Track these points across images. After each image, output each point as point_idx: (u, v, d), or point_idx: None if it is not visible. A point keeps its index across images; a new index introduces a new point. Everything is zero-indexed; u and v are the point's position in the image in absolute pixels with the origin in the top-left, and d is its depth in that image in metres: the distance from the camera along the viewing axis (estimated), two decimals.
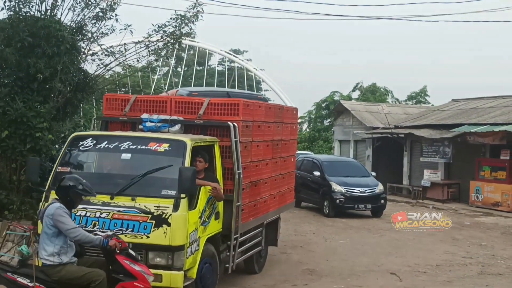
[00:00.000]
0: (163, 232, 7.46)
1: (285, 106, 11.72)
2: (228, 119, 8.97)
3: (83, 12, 14.04)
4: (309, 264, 11.95)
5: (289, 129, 11.74)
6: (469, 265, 12.63)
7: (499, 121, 23.17)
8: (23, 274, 6.68)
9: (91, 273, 6.80)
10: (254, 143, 9.67)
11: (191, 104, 9.28)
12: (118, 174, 8.38)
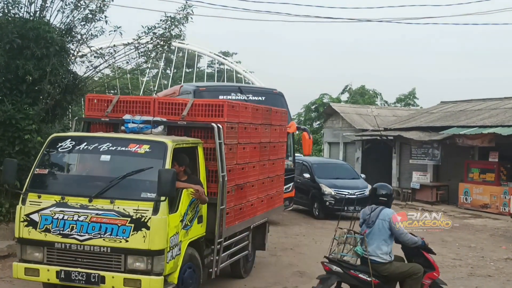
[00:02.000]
0: (142, 236, 7.28)
1: (273, 108, 11.51)
2: (213, 120, 8.75)
3: (73, 14, 14.02)
4: (299, 266, 11.93)
5: (278, 131, 11.54)
6: (458, 266, 12.68)
7: (487, 123, 23.29)
8: (362, 271, 7.94)
9: (413, 267, 7.97)
10: (240, 145, 9.47)
11: (175, 105, 9.06)
12: (97, 176, 8.17)
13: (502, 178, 22.57)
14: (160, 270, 7.32)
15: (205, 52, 62.94)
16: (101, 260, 7.40)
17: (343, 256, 8.17)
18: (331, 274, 8.06)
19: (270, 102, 15.91)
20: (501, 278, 11.67)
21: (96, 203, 7.47)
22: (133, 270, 7.30)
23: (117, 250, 7.33)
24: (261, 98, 16.20)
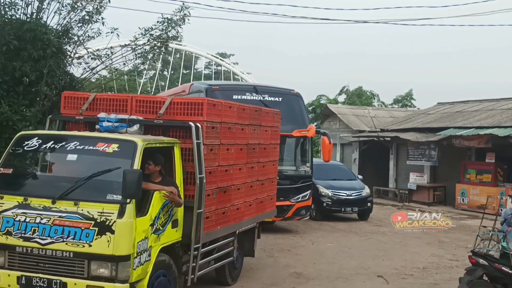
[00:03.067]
0: (106, 240, 6.83)
1: (264, 109, 11.10)
2: (192, 119, 8.28)
3: (69, 15, 14.00)
4: (296, 268, 11.94)
5: (269, 133, 11.14)
6: (455, 267, 12.70)
7: (484, 124, 23.34)
8: (504, 264, 8.44)
9: None
10: (223, 146, 9.04)
11: (153, 103, 8.63)
12: (62, 177, 7.76)
13: (499, 179, 22.61)
14: (125, 277, 6.88)
15: (202, 54, 63.06)
16: (63, 265, 7.00)
17: (488, 251, 8.77)
18: (478, 266, 8.60)
19: (287, 103, 15.75)
20: None
21: (59, 205, 7.08)
22: (96, 276, 6.88)
23: (80, 255, 6.92)
24: (278, 99, 15.71)
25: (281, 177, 15.19)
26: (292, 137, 15.80)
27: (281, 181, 15.14)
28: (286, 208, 15.66)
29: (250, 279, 10.79)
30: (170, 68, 64.86)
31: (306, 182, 16.22)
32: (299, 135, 15.88)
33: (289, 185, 15.73)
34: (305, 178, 16.23)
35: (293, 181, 15.96)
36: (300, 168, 16.37)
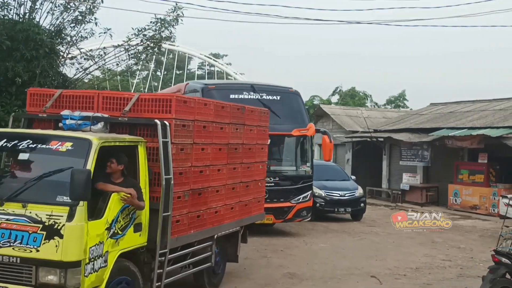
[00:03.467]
0: (54, 245, 6.35)
1: (248, 107, 10.54)
2: (160, 116, 7.79)
3: (62, 16, 14.01)
4: (290, 268, 11.93)
5: (255, 132, 10.65)
6: (448, 267, 12.74)
7: (476, 125, 23.42)
8: None
9: None
10: (197, 146, 8.55)
11: (120, 100, 8.10)
12: (13, 177, 7.37)
13: (491, 179, 22.67)
14: (75, 285, 6.41)
15: (196, 54, 63.07)
16: (10, 272, 6.52)
17: (511, 250, 8.92)
18: (500, 265, 8.73)
19: (286, 101, 15.61)
20: None
21: (7, 207, 6.62)
22: (44, 284, 6.42)
23: (27, 261, 6.44)
24: (276, 98, 15.51)
25: (281, 177, 15.37)
26: (291, 137, 15.66)
27: (280, 182, 15.27)
28: (286, 209, 15.47)
29: (243, 280, 10.79)
30: (163, 69, 64.82)
31: (307, 183, 15.98)
32: (298, 134, 15.67)
33: (289, 186, 15.56)
34: (306, 178, 16.00)
35: (293, 181, 15.73)
36: (300, 168, 16.16)
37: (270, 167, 14.68)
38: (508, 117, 23.29)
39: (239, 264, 12.06)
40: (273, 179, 14.94)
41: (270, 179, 14.48)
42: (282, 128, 15.05)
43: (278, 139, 15.34)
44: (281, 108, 15.26)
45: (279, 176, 15.34)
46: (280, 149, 16.17)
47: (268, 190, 14.50)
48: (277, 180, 15.18)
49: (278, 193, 15.07)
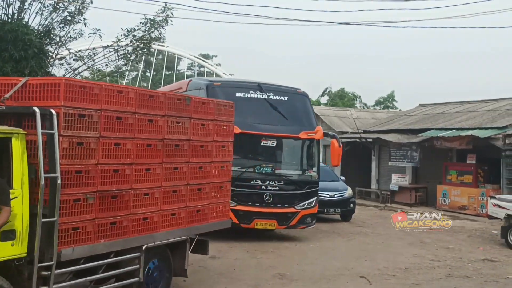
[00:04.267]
0: None
1: (197, 98, 9.51)
2: (48, 104, 6.70)
3: (51, 16, 13.96)
4: (279, 269, 11.92)
5: (212, 128, 9.51)
6: (437, 268, 12.78)
7: (465, 125, 23.55)
8: None
9: None
10: (107, 140, 7.35)
11: (5, 87, 7.08)
12: None
13: (480, 180, 22.80)
14: None
15: (185, 55, 62.99)
16: None
17: None
18: None
19: (293, 103, 15.21)
20: (478, 279, 11.78)
21: None
22: None
23: None
24: (284, 98, 15.07)
25: (286, 182, 14.84)
26: (298, 139, 15.11)
27: (285, 186, 14.78)
28: (290, 215, 14.84)
29: (233, 280, 10.77)
30: (153, 69, 64.67)
31: (313, 188, 15.25)
32: (306, 137, 15.06)
33: (294, 191, 14.94)
34: (312, 183, 15.28)
35: (299, 186, 15.03)
36: (306, 172, 15.50)
37: (274, 171, 14.69)
38: (496, 118, 23.43)
39: (229, 265, 12.11)
40: (277, 183, 14.63)
41: (274, 183, 14.46)
42: (289, 130, 14.81)
43: (285, 141, 15.18)
44: (288, 110, 15.00)
45: (283, 180, 14.86)
46: (286, 152, 15.71)
47: (271, 194, 14.51)
48: (281, 184, 14.74)
49: (282, 197, 14.69)
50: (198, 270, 11.62)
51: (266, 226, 14.69)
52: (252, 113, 14.51)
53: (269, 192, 14.47)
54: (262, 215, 14.45)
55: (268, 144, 14.58)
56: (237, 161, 14.07)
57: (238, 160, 14.15)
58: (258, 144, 14.62)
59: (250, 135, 14.10)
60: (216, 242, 14.11)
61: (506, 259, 13.88)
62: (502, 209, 16.04)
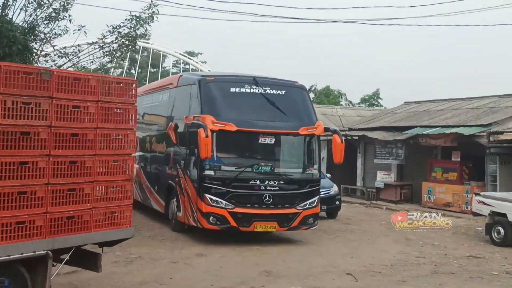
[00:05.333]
0: None
1: (66, 72, 8.17)
2: None
3: (36, 12, 13.86)
4: (265, 266, 11.93)
5: (93, 112, 7.66)
6: (422, 264, 12.85)
7: (450, 123, 23.68)
8: None
9: None
10: None
11: None
12: None
13: (464, 177, 22.96)
14: None
15: (170, 52, 62.79)
16: None
17: None
18: None
19: (291, 97, 14.51)
20: (463, 275, 11.86)
21: None
22: None
23: None
24: (281, 92, 14.31)
25: (286, 181, 14.09)
26: (298, 136, 14.36)
27: (285, 186, 14.02)
28: (291, 216, 14.05)
29: (219, 278, 10.76)
30: (138, 67, 64.41)
31: (314, 187, 14.51)
32: (306, 133, 14.30)
33: (295, 191, 14.15)
34: (313, 182, 14.51)
35: (299, 185, 14.25)
36: (307, 170, 14.65)
37: (273, 169, 14.01)
38: (480, 115, 23.60)
39: (215, 262, 12.10)
40: (277, 182, 13.90)
41: (273, 182, 13.80)
42: (288, 126, 14.14)
43: (283, 138, 14.55)
44: (286, 104, 14.32)
45: (283, 180, 14.07)
46: (285, 150, 15.02)
47: (271, 194, 13.75)
48: (281, 183, 13.98)
49: (282, 198, 13.94)
50: (184, 267, 11.62)
51: (267, 229, 13.97)
52: (248, 109, 14.05)
53: (268, 193, 13.74)
54: (262, 217, 13.73)
55: (266, 142, 13.91)
56: (234, 161, 13.97)
57: (234, 160, 14.03)
58: (256, 141, 13.97)
59: (246, 133, 13.68)
60: (202, 239, 14.14)
61: (490, 256, 14.00)
62: (486, 206, 16.18)
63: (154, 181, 17.31)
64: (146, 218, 17.73)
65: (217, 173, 13.56)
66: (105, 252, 12.61)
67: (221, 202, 13.49)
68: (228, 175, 13.62)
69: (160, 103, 17.37)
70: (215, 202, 13.47)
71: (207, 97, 13.93)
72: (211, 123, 13.24)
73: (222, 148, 13.79)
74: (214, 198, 13.46)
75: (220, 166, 13.61)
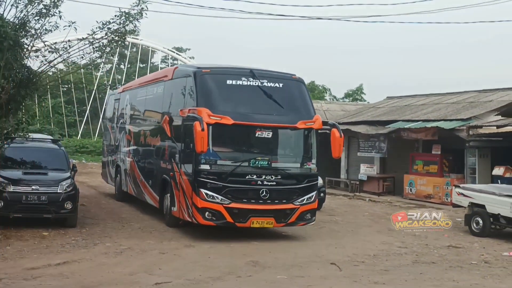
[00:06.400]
0: None
1: None
2: None
3: (27, 9, 13.76)
4: (253, 256, 11.95)
5: None
6: (404, 254, 12.93)
7: (431, 117, 23.80)
8: None
9: None
10: None
11: None
12: None
13: (445, 169, 23.11)
14: None
15: (159, 48, 62.49)
16: None
17: None
18: None
19: (289, 90, 14.01)
20: (444, 265, 11.95)
21: None
22: None
23: None
24: (278, 85, 13.75)
25: (283, 176, 13.54)
26: (295, 129, 13.79)
27: (282, 181, 13.47)
28: (289, 212, 13.55)
29: (207, 268, 10.78)
30: (127, 62, 63.97)
31: (312, 182, 13.93)
32: (304, 127, 13.74)
33: (292, 185, 13.62)
34: (311, 177, 13.93)
35: (297, 180, 13.71)
36: (304, 165, 14.00)
37: (271, 164, 13.40)
38: (460, 110, 23.74)
39: (204, 252, 12.12)
40: (274, 177, 13.31)
41: (271, 177, 13.24)
42: (286, 120, 13.62)
43: (281, 132, 13.92)
44: (284, 97, 13.80)
45: (281, 174, 13.47)
46: (283, 144, 14.33)
47: (268, 189, 13.20)
48: (278, 178, 13.38)
49: (279, 193, 13.39)
50: (173, 258, 11.62)
51: (263, 225, 13.46)
52: (245, 102, 13.60)
53: (265, 188, 13.17)
54: (259, 212, 13.20)
55: (263, 136, 13.29)
56: (230, 155, 13.39)
57: (231, 154, 13.44)
58: (253, 135, 13.35)
59: (243, 126, 13.14)
60: (191, 231, 14.13)
61: (469, 246, 14.12)
62: (466, 197, 16.31)
63: (148, 175, 16.78)
64: (137, 210, 17.71)
65: (213, 167, 13.02)
66: (95, 243, 12.72)
67: (217, 197, 12.96)
68: (224, 169, 13.07)
69: (155, 96, 16.83)
70: (210, 197, 12.94)
71: (203, 89, 13.38)
72: (207, 116, 12.70)
73: (218, 142, 13.24)
74: (209, 193, 12.95)
75: (216, 160, 13.06)
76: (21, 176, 14.21)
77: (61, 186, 14.15)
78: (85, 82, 54.40)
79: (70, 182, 14.51)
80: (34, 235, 13.27)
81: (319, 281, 10.15)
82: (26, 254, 11.55)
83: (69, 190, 14.27)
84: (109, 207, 18.48)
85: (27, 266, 10.46)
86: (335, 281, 10.21)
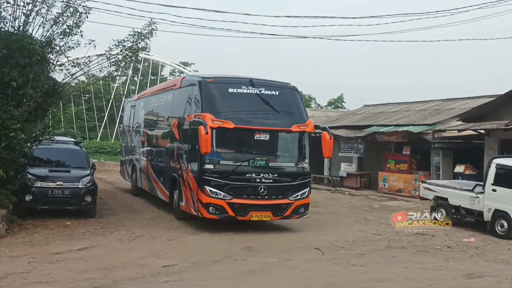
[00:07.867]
0: None
1: None
2: None
3: (52, 29, 13.78)
4: (247, 242, 11.94)
5: None
6: (378, 240, 12.93)
7: (401, 122, 23.83)
8: None
9: None
10: None
11: None
12: None
13: (413, 167, 23.12)
14: None
15: (167, 62, 62.41)
16: None
17: None
18: None
19: (285, 97, 13.74)
20: (412, 249, 11.96)
21: None
22: None
23: None
24: (275, 93, 13.48)
25: (280, 174, 13.28)
26: (290, 132, 13.54)
27: (279, 178, 13.20)
28: (284, 206, 13.28)
29: (208, 252, 10.76)
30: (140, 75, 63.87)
31: (305, 179, 13.71)
32: (298, 130, 13.54)
33: (288, 183, 13.36)
34: (304, 175, 13.71)
35: (292, 178, 13.45)
36: (299, 164, 13.73)
37: (268, 163, 13.17)
38: (427, 116, 23.78)
39: (205, 239, 12.10)
40: (271, 175, 13.06)
41: (268, 175, 12.98)
42: (281, 124, 13.37)
43: (277, 135, 13.65)
44: (280, 104, 13.55)
45: (277, 173, 13.22)
46: (279, 145, 14.01)
47: (266, 186, 12.98)
48: (275, 176, 13.13)
49: (276, 189, 13.14)
50: (179, 244, 11.60)
51: (262, 218, 13.16)
52: (245, 108, 13.29)
53: (263, 185, 12.93)
54: (257, 207, 12.98)
55: (262, 138, 13.06)
56: (232, 155, 13.14)
57: (232, 154, 13.19)
58: (252, 138, 13.08)
59: (243, 130, 12.91)
60: (194, 221, 14.11)
61: (434, 233, 14.10)
62: (431, 191, 16.34)
63: (159, 173, 16.58)
64: (148, 203, 17.66)
65: (216, 167, 12.78)
66: (111, 231, 12.68)
67: (220, 193, 12.77)
68: (226, 168, 12.86)
69: (165, 102, 16.61)
70: (214, 194, 12.76)
71: (207, 97, 13.16)
72: (211, 120, 12.53)
73: (221, 144, 13.00)
74: (213, 189, 12.74)
75: (219, 160, 12.85)
76: (47, 173, 14.16)
77: (82, 182, 14.10)
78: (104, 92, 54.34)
79: (90, 178, 14.45)
80: (58, 224, 13.23)
81: (304, 264, 10.15)
82: (51, 240, 11.52)
83: (89, 185, 14.21)
84: (123, 200, 18.43)
85: (52, 251, 10.43)
86: (319, 264, 10.21)
